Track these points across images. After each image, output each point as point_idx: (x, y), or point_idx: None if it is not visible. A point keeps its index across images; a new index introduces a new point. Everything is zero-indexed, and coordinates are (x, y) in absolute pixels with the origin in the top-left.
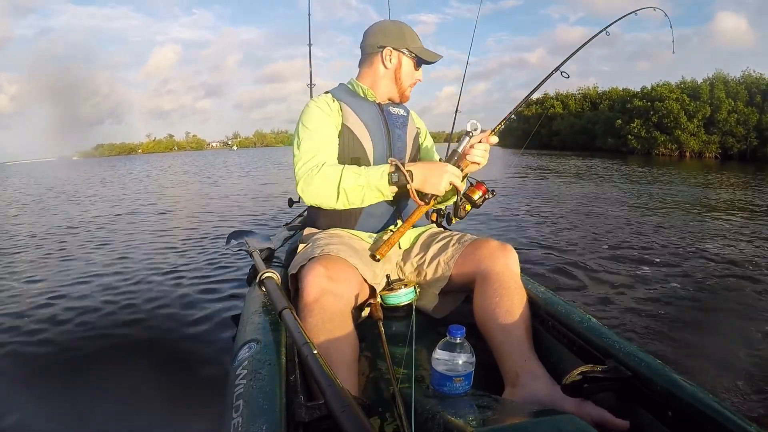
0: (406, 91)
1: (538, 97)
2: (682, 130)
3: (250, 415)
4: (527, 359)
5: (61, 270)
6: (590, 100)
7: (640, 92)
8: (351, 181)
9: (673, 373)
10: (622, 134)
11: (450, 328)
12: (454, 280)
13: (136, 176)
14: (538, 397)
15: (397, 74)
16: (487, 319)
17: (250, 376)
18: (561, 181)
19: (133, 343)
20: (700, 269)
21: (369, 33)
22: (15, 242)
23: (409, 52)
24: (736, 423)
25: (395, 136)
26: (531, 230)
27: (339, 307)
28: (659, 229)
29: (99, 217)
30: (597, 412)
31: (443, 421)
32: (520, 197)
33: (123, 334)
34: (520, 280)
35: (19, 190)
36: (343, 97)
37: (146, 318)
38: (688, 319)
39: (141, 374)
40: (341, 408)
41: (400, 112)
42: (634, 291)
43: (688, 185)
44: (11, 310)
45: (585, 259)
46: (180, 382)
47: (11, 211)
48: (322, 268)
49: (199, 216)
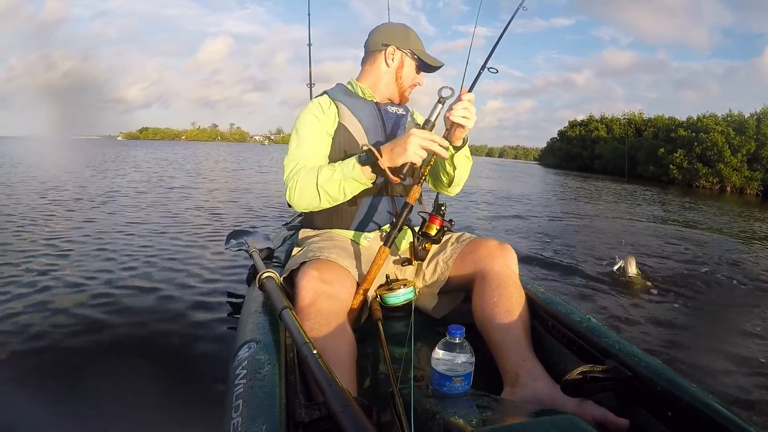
0: (405, 92)
1: (583, 119)
2: (725, 164)
3: (250, 415)
4: (526, 359)
5: (59, 268)
6: (635, 126)
7: (686, 122)
8: (327, 177)
9: (673, 373)
10: (664, 163)
11: (449, 328)
12: (453, 279)
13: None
14: (538, 397)
15: (398, 74)
16: (486, 319)
17: (249, 376)
18: (591, 200)
19: (133, 343)
20: (708, 280)
21: (375, 32)
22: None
23: (412, 53)
24: (736, 423)
25: (393, 135)
26: (544, 236)
27: (334, 308)
28: (680, 244)
29: (102, 212)
30: (598, 412)
31: (443, 421)
32: (544, 210)
33: (122, 333)
34: (518, 280)
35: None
36: (339, 97)
37: (145, 317)
38: (688, 319)
39: (140, 374)
40: (341, 408)
41: (399, 111)
42: (638, 295)
43: (720, 215)
44: (10, 311)
45: (588, 264)
46: (180, 382)
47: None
48: (315, 271)
49: (202, 214)
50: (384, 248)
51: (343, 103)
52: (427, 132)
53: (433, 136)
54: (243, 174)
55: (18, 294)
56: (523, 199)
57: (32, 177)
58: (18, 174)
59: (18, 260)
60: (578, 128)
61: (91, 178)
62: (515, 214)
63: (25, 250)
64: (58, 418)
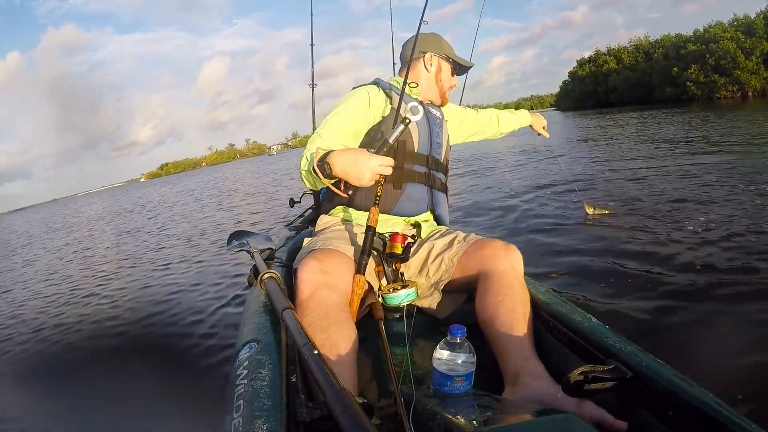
0: (446, 93)
1: (590, 55)
2: (741, 70)
3: (251, 415)
4: (528, 359)
5: (60, 269)
6: (643, 51)
7: (693, 36)
8: (308, 166)
9: (674, 373)
10: (680, 82)
11: (451, 328)
12: (457, 278)
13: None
14: (539, 397)
15: (438, 77)
16: (489, 318)
17: (250, 376)
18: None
19: (134, 344)
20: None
21: (409, 43)
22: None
23: (447, 57)
24: (737, 423)
25: (434, 134)
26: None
27: (334, 299)
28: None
29: (104, 217)
30: (597, 413)
31: (444, 421)
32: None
33: (124, 334)
34: (523, 280)
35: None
36: (391, 88)
37: (147, 318)
38: (690, 319)
39: (142, 374)
40: (342, 408)
41: (438, 114)
42: (640, 290)
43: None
44: (13, 312)
45: None
46: (180, 382)
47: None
48: (315, 261)
49: (204, 218)
50: (359, 277)
51: (397, 94)
52: (384, 158)
53: (389, 161)
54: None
55: (21, 294)
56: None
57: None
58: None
59: (18, 260)
60: (588, 65)
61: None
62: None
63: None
64: (60, 417)
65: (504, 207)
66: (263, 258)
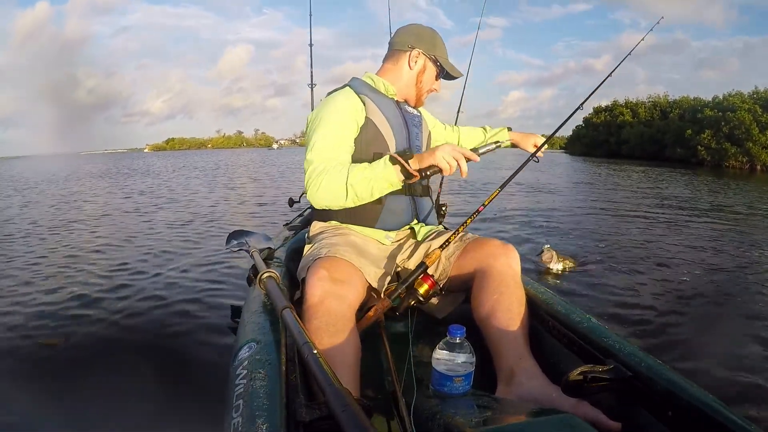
0: (423, 96)
1: (607, 104)
2: (753, 143)
3: (250, 415)
4: (522, 357)
5: (60, 267)
6: (660, 109)
7: (712, 102)
8: (358, 175)
9: (674, 373)
10: (692, 145)
11: (450, 328)
12: (455, 277)
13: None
14: (533, 396)
15: (419, 77)
16: (485, 316)
17: (250, 376)
18: (614, 190)
19: (133, 343)
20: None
21: (403, 31)
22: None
23: (435, 60)
24: (737, 423)
25: (413, 135)
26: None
27: (342, 310)
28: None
29: (105, 215)
30: (592, 413)
31: (443, 421)
32: (566, 202)
33: (123, 334)
34: (520, 279)
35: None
36: (364, 92)
37: (146, 318)
38: (689, 318)
39: (141, 374)
40: (341, 408)
41: (415, 112)
42: (639, 293)
43: (741, 194)
44: (11, 310)
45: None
46: (180, 382)
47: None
48: (325, 270)
49: (202, 215)
50: (386, 301)
51: (370, 98)
52: (461, 147)
53: (466, 151)
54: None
55: (22, 293)
56: (553, 193)
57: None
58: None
59: (19, 261)
60: (603, 114)
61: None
62: (544, 208)
63: (27, 250)
64: (59, 418)
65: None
66: (262, 257)
